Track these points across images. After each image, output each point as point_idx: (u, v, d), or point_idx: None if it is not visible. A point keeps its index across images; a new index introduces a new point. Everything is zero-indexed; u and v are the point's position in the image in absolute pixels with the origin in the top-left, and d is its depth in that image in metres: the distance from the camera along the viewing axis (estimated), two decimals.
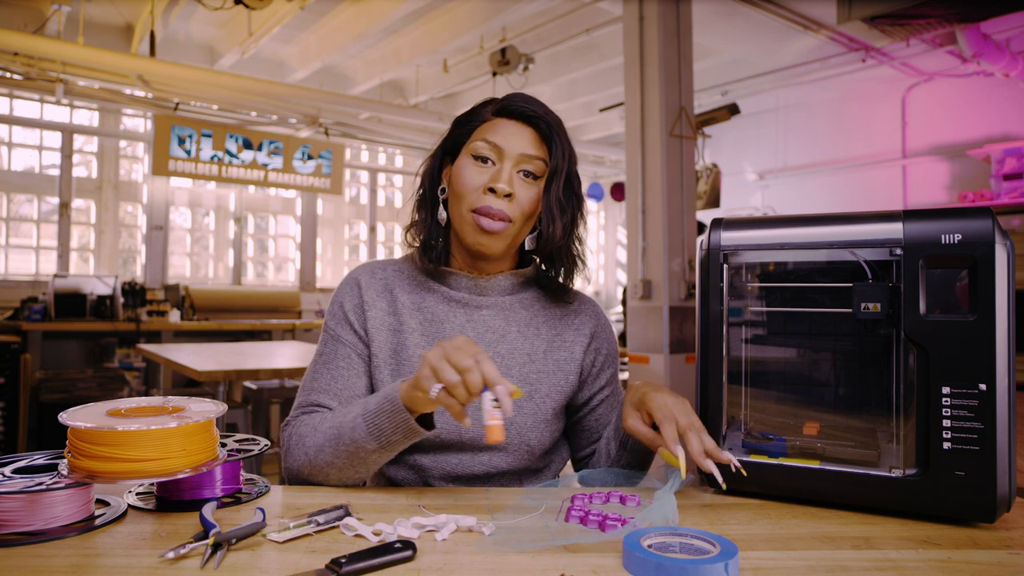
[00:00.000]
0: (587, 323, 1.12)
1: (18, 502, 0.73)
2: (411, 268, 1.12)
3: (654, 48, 3.79)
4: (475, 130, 1.05)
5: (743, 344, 0.94)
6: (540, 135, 1.03)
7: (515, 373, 1.05)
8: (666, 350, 3.68)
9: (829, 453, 0.87)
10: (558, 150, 1.03)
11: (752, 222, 0.92)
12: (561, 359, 1.08)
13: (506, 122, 1.03)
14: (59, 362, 5.22)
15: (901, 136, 6.63)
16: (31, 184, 5.87)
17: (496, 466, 1.02)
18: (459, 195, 1.02)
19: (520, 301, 1.10)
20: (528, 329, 1.08)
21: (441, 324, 1.06)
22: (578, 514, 0.80)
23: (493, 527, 0.76)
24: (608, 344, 1.14)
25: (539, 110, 1.03)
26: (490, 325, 1.07)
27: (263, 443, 0.94)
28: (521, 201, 1.01)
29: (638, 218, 3.82)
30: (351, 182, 7.72)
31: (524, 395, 1.04)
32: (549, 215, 1.03)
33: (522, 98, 1.04)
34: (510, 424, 1.01)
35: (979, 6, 4.03)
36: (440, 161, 1.10)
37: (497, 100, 1.06)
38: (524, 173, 1.02)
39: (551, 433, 1.06)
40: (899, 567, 0.67)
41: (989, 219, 0.78)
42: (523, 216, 1.02)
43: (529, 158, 1.02)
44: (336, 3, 5.24)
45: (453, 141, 1.08)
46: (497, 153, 1.01)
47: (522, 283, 1.11)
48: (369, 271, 1.10)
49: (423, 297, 1.08)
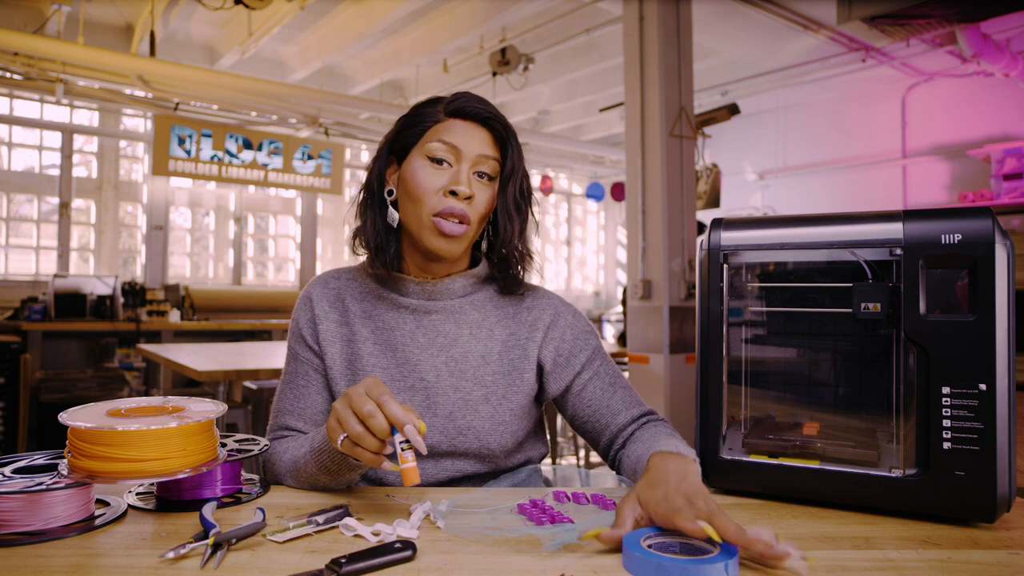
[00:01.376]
0: (542, 316, 1.09)
1: (18, 502, 0.73)
2: (364, 276, 1.11)
3: (654, 48, 3.79)
4: (427, 131, 1.02)
5: (743, 344, 0.94)
6: (494, 136, 1.02)
7: (469, 376, 1.03)
8: (666, 350, 3.68)
9: (829, 453, 0.87)
10: (513, 151, 1.03)
11: (752, 222, 0.92)
12: (515, 358, 1.06)
13: (461, 123, 1.01)
14: (59, 362, 5.22)
15: (901, 136, 6.63)
16: (31, 184, 5.87)
17: (460, 470, 1.02)
18: (416, 198, 0.99)
19: (472, 303, 1.08)
20: (480, 331, 1.06)
21: (392, 332, 1.05)
22: (529, 509, 0.81)
23: (446, 506, 0.81)
24: (572, 328, 1.09)
25: (493, 111, 1.02)
26: (440, 330, 1.05)
27: (263, 443, 0.94)
28: (478, 203, 1.00)
29: (638, 218, 3.82)
30: (351, 182, 7.71)
31: (481, 397, 1.02)
32: (507, 216, 1.03)
33: (475, 98, 1.02)
34: (468, 429, 1.00)
35: (979, 6, 4.03)
36: (385, 162, 1.07)
37: (446, 99, 1.03)
38: (479, 174, 1.01)
39: (512, 434, 1.04)
40: (899, 567, 0.67)
41: (989, 219, 0.78)
42: (479, 218, 1.01)
43: (486, 159, 1.01)
44: (336, 3, 5.24)
45: (402, 142, 1.04)
46: (455, 154, 0.99)
47: (474, 284, 1.09)
48: (322, 282, 1.10)
49: (373, 305, 1.07)
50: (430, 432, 1.01)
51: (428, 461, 1.01)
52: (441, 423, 1.01)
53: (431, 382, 1.02)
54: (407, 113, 1.06)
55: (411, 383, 1.02)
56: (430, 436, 1.01)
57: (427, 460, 1.01)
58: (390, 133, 1.08)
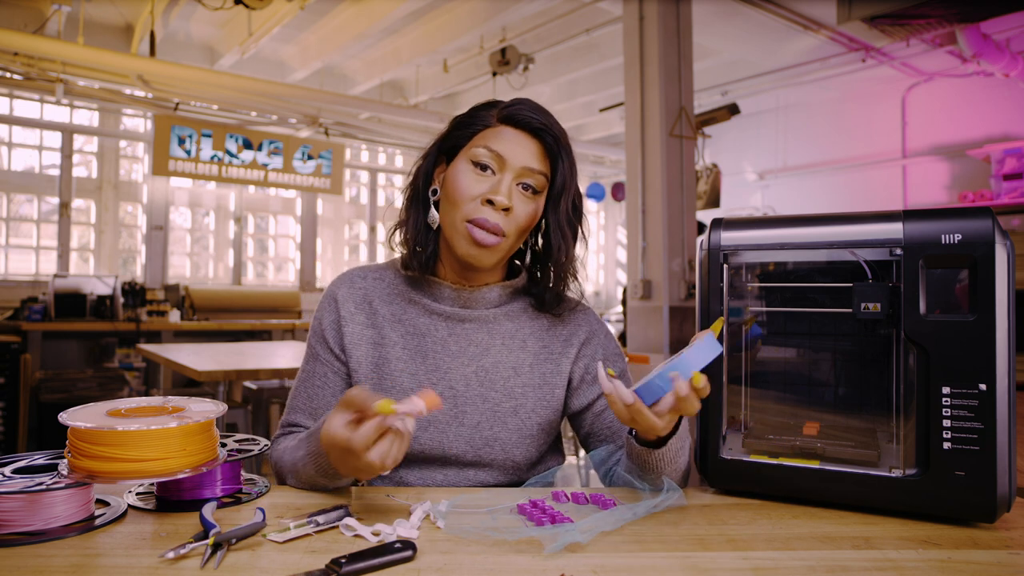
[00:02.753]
0: (578, 332, 1.07)
1: (18, 502, 0.73)
2: (393, 276, 1.08)
3: (654, 48, 3.79)
4: (477, 134, 0.99)
5: (743, 344, 0.94)
6: (545, 148, 0.99)
7: (499, 387, 1.01)
8: (666, 350, 3.68)
9: (829, 453, 0.87)
10: (564, 165, 0.99)
11: (752, 222, 0.92)
12: (547, 372, 1.04)
13: (511, 131, 0.98)
14: (59, 362, 5.22)
15: (901, 136, 6.63)
16: (31, 184, 5.87)
17: (482, 481, 1.01)
18: (454, 202, 0.97)
19: (506, 313, 1.05)
20: (513, 342, 1.04)
21: (423, 338, 1.03)
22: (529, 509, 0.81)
23: (446, 506, 0.82)
24: (604, 348, 1.08)
25: (547, 121, 0.98)
26: (473, 339, 1.03)
27: (263, 443, 0.94)
28: (518, 216, 0.96)
29: (638, 218, 3.82)
30: (351, 182, 7.71)
31: (510, 409, 1.01)
32: (559, 234, 1.00)
33: (530, 107, 0.99)
34: (494, 440, 0.99)
35: (979, 6, 4.03)
36: (435, 160, 1.05)
37: (503, 104, 1.01)
38: (524, 187, 0.97)
39: (537, 447, 1.03)
40: (899, 567, 0.67)
41: (989, 219, 0.78)
42: (518, 231, 0.98)
43: (531, 172, 0.97)
44: (336, 3, 5.24)
45: (452, 142, 1.02)
46: (499, 163, 0.96)
47: (509, 294, 1.06)
48: (348, 282, 1.07)
49: (404, 309, 1.05)
50: (455, 441, 0.99)
51: (451, 469, 1.00)
52: (468, 433, 1.00)
53: (460, 391, 1.01)
54: (463, 113, 1.04)
55: (439, 391, 1.01)
56: (455, 445, 0.99)
57: (450, 468, 1.00)
58: (443, 132, 1.05)
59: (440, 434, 1.00)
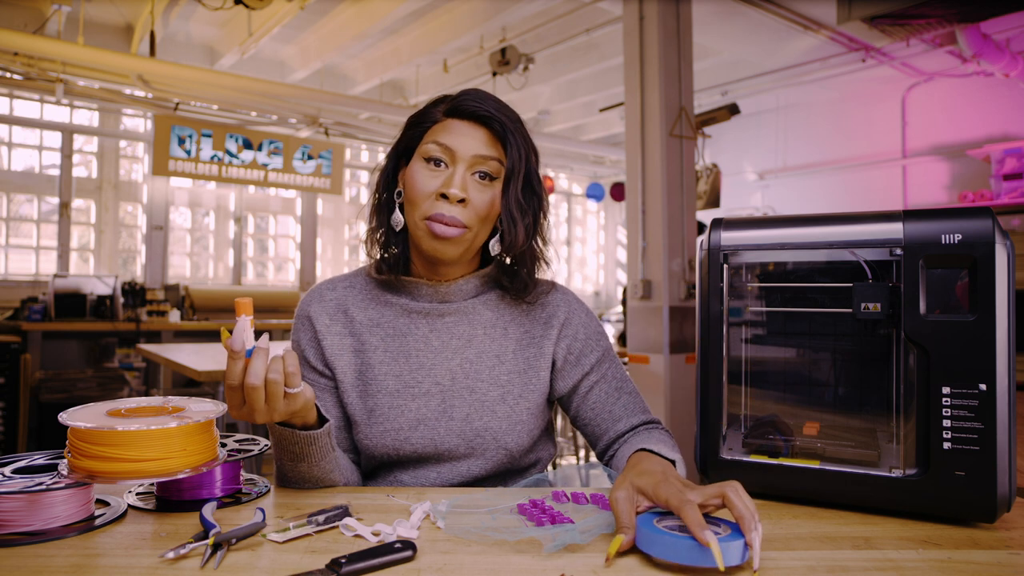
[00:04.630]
0: (557, 313, 1.08)
1: (18, 502, 0.73)
2: (364, 282, 1.08)
3: (654, 48, 3.79)
4: (427, 131, 1.00)
5: (743, 344, 0.94)
6: (494, 134, 0.99)
7: (484, 376, 1.02)
8: (666, 350, 3.68)
9: (829, 453, 0.87)
10: (513, 150, 0.99)
11: (752, 222, 0.92)
12: (531, 356, 1.05)
13: (458, 122, 0.98)
14: (59, 362, 5.22)
15: (901, 136, 6.63)
16: (31, 184, 5.87)
17: (475, 474, 1.01)
18: (412, 200, 0.98)
19: (484, 303, 1.06)
20: (495, 330, 1.05)
21: (404, 338, 1.03)
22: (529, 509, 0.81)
23: (446, 506, 0.81)
24: (585, 328, 1.09)
25: (491, 108, 0.98)
26: (455, 331, 1.04)
27: (263, 443, 0.94)
28: (476, 205, 0.97)
29: (638, 218, 3.82)
30: (351, 182, 7.71)
31: (497, 397, 1.01)
32: (509, 218, 0.99)
33: (474, 96, 0.99)
34: (485, 430, 1.00)
35: (979, 6, 4.03)
36: (395, 163, 1.05)
37: (449, 98, 1.01)
38: (479, 175, 0.98)
39: (528, 433, 1.03)
40: (899, 567, 0.67)
41: (989, 219, 0.78)
42: (479, 220, 0.98)
43: (484, 159, 0.97)
44: (336, 3, 5.24)
45: (406, 143, 1.03)
46: (449, 156, 0.97)
47: (485, 283, 1.07)
48: (318, 297, 1.07)
49: (381, 312, 1.05)
50: (447, 436, 0.99)
51: (444, 464, 1.00)
52: (458, 426, 1.00)
53: (446, 386, 1.01)
54: (414, 113, 1.05)
55: (426, 388, 1.01)
56: (447, 440, 0.99)
57: (443, 463, 1.00)
58: (399, 134, 1.06)
59: (431, 431, 1.00)
